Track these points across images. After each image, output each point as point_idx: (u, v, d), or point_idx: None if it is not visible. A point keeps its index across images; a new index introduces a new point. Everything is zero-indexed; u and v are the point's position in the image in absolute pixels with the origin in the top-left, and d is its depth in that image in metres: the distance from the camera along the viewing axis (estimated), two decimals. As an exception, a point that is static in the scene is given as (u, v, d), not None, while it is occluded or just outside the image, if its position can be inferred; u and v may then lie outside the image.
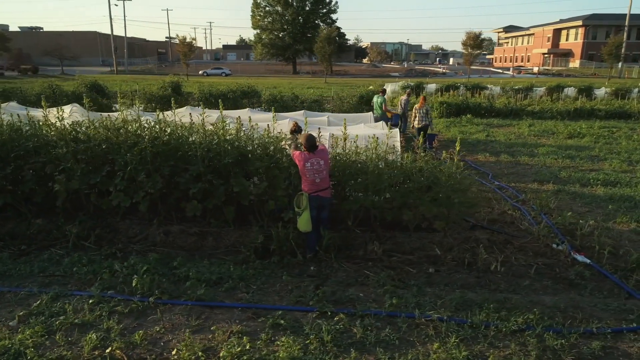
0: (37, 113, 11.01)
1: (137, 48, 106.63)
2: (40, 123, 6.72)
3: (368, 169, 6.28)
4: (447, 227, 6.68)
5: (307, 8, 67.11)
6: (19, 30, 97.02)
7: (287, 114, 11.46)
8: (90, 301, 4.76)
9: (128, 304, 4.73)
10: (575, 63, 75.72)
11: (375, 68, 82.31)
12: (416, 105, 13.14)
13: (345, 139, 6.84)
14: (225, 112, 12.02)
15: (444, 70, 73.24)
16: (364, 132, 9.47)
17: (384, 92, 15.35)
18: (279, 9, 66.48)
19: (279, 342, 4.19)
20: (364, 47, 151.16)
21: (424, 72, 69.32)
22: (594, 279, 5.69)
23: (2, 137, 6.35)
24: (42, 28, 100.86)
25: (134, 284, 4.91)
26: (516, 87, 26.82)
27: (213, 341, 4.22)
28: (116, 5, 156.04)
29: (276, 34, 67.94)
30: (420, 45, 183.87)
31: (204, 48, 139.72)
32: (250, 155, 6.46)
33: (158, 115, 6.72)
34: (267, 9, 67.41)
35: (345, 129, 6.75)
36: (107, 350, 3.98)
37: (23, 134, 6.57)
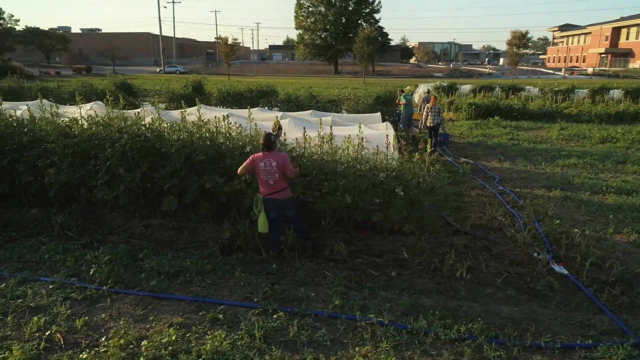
0: (69, 109, 11.75)
1: (188, 48, 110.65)
2: (37, 119, 7.17)
3: (337, 170, 6.25)
4: (421, 230, 6.54)
5: (350, 8, 67.05)
6: (80, 32, 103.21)
7: (294, 114, 11.54)
8: (51, 287, 5.05)
9: (84, 291, 4.99)
10: (635, 64, 71.01)
11: (419, 68, 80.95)
12: (428, 105, 13.41)
13: (331, 139, 6.84)
14: (235, 111, 12.34)
15: (490, 71, 70.92)
16: (370, 132, 9.39)
17: (402, 91, 15.53)
18: (322, 9, 66.88)
19: (209, 336, 4.28)
20: (411, 47, 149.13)
21: (468, 72, 67.40)
22: (564, 291, 5.39)
23: (-1, 131, 6.86)
24: (100, 30, 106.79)
25: (91, 273, 5.17)
26: (556, 89, 25.56)
27: (150, 331, 4.38)
28: (165, 7, 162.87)
29: (319, 34, 68.37)
30: (471, 45, 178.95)
31: (252, 48, 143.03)
32: (227, 153, 6.59)
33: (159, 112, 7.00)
34: (310, 9, 67.99)
35: (321, 128, 6.74)
36: (47, 333, 4.23)
37: (21, 129, 7.04)
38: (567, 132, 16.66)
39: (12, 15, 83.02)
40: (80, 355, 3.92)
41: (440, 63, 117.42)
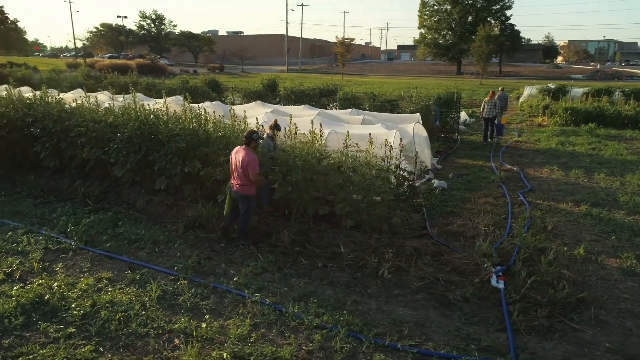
0: (148, 101, 13.86)
1: (318, 49, 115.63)
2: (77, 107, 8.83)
3: (294, 164, 6.63)
4: (372, 228, 6.59)
5: (478, 5, 63.49)
6: (225, 34, 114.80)
7: (331, 112, 11.97)
8: (41, 238, 6.40)
9: (60, 244, 6.23)
10: None
11: (555, 69, 73.22)
12: (485, 99, 15.05)
13: (321, 136, 7.25)
14: (282, 107, 13.21)
15: (644, 73, 61.20)
16: (375, 131, 9.48)
17: None
18: (447, 7, 64.44)
19: (115, 289, 5.12)
20: (558, 45, 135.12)
21: (614, 74, 59.09)
22: (480, 304, 5.09)
23: (52, 117, 8.63)
24: (242, 32, 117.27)
25: (67, 231, 6.40)
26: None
27: (81, 280, 5.37)
28: (292, 10, 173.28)
29: (442, 33, 66.08)
30: (635, 43, 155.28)
31: (381, 48, 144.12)
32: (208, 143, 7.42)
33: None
34: (435, 7, 66.01)
35: (291, 123, 7.15)
36: (9, 270, 5.48)
37: (71, 115, 8.75)
38: (675, 145, 14.16)
39: (172, 21, 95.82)
40: (15, 287, 5.06)
41: (592, 63, 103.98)
